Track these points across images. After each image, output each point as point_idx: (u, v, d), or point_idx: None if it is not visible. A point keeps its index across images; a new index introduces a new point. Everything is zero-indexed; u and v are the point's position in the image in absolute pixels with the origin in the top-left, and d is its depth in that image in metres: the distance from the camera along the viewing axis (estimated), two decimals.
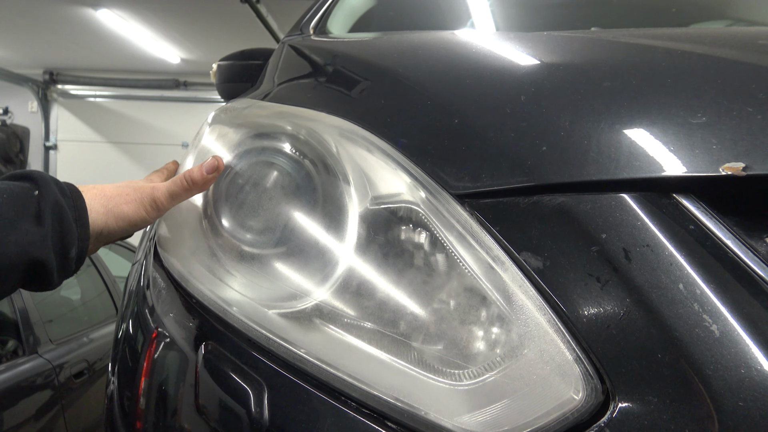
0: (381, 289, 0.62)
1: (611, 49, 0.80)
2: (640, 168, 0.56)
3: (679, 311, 0.50)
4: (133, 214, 0.72)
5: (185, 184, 0.74)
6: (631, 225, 0.54)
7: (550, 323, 0.54)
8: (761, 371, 0.47)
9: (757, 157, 0.54)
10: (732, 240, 0.53)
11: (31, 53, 7.93)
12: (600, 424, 0.50)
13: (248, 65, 1.69)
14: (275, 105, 0.91)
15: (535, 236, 0.57)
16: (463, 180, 0.63)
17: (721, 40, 0.81)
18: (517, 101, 0.67)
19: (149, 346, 0.80)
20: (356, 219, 0.65)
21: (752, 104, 0.58)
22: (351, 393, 0.58)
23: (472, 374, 0.56)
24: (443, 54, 0.89)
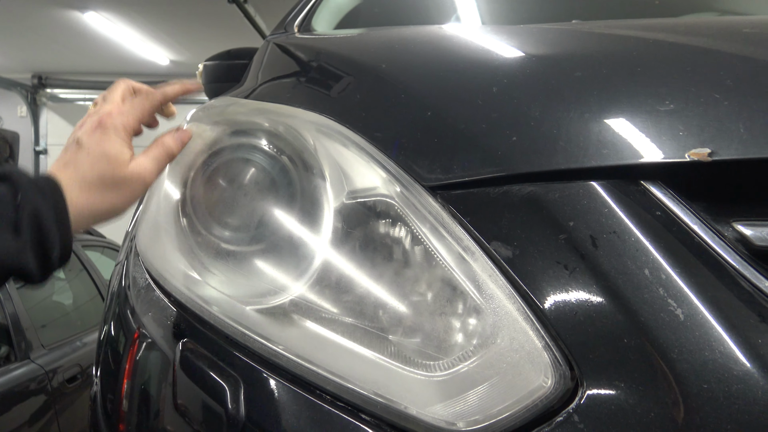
0: (357, 283, 0.62)
1: (585, 40, 0.81)
2: (608, 156, 0.57)
3: (645, 296, 0.51)
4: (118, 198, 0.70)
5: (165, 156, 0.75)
6: (599, 212, 0.55)
7: (519, 311, 0.55)
8: (725, 354, 0.47)
9: (723, 143, 0.54)
10: (699, 225, 0.54)
11: (19, 57, 7.91)
12: (569, 410, 0.50)
13: (234, 65, 1.68)
14: (255, 102, 0.91)
15: (504, 226, 0.58)
16: (435, 172, 0.63)
17: (694, 29, 0.82)
18: (489, 93, 0.67)
19: (131, 347, 0.80)
20: (332, 214, 0.66)
21: (719, 91, 0.59)
22: (326, 386, 0.58)
23: (446, 365, 0.56)
24: (419, 48, 0.89)
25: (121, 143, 0.70)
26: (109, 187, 0.68)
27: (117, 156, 0.69)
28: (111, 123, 0.70)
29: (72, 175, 0.66)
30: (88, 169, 0.67)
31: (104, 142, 0.69)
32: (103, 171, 0.68)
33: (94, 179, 0.67)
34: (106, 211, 0.69)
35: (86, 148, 0.68)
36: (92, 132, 0.69)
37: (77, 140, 0.69)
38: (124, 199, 0.70)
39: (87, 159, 0.68)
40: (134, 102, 0.75)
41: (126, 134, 0.71)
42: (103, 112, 0.72)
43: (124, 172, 0.69)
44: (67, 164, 0.68)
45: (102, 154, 0.68)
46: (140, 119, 0.75)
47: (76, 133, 0.71)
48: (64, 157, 0.69)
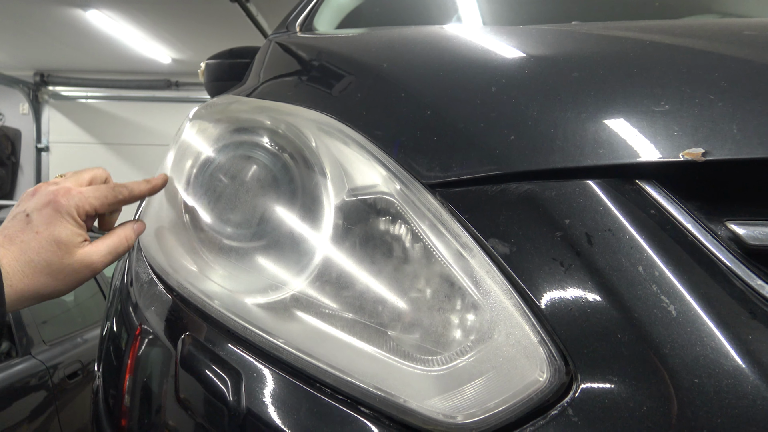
0: (357, 279, 0.63)
1: (583, 42, 0.82)
2: (604, 155, 0.58)
3: (639, 293, 0.52)
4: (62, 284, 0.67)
5: (123, 246, 0.73)
6: (594, 210, 0.56)
7: (516, 307, 0.56)
8: (716, 349, 0.48)
9: (717, 143, 0.55)
10: (692, 224, 0.55)
11: (21, 55, 7.91)
12: (563, 404, 0.51)
13: (236, 63, 1.70)
14: (256, 101, 0.92)
15: (502, 223, 0.59)
16: (435, 170, 0.64)
17: (691, 31, 0.83)
18: (488, 92, 0.68)
19: (133, 342, 0.81)
20: (333, 211, 0.66)
21: (714, 92, 0.60)
22: (326, 379, 0.59)
23: (443, 360, 0.57)
24: (419, 48, 0.90)
25: (72, 227, 0.67)
26: (56, 273, 0.65)
27: (67, 242, 0.66)
28: (65, 203, 0.67)
29: (17, 256, 0.64)
30: (34, 252, 0.64)
31: (54, 224, 0.65)
32: (51, 257, 0.65)
33: (39, 263, 0.64)
34: (47, 295, 0.66)
35: (35, 227, 0.65)
36: (43, 208, 0.66)
37: (27, 213, 0.66)
38: (69, 284, 0.67)
39: (35, 240, 0.64)
40: (99, 188, 0.71)
41: (78, 216, 0.68)
42: (61, 187, 0.68)
43: (72, 260, 0.66)
44: (12, 240, 0.64)
45: (51, 239, 0.65)
46: (98, 207, 0.70)
47: (26, 204, 0.67)
48: (8, 230, 0.65)
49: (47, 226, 0.65)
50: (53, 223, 0.65)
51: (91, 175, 0.74)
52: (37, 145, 8.73)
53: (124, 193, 0.74)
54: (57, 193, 0.67)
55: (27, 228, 0.65)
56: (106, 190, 0.71)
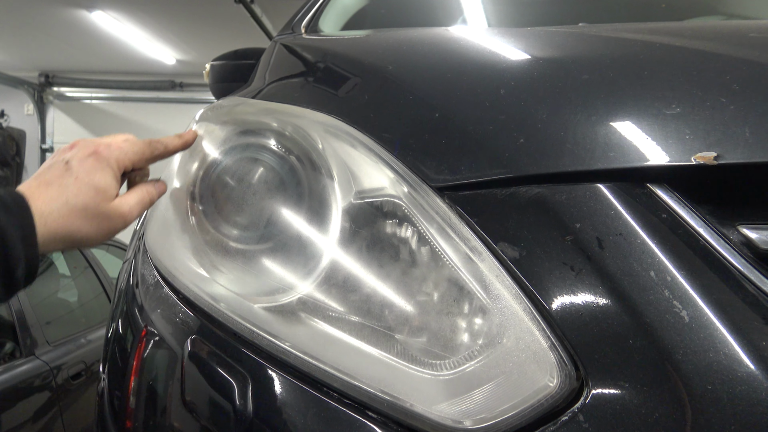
0: (364, 282, 0.63)
1: (592, 43, 0.81)
2: (615, 159, 0.57)
3: (650, 298, 0.51)
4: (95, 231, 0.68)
5: (148, 201, 0.74)
6: (605, 214, 0.56)
7: (525, 312, 0.55)
8: (729, 355, 0.48)
9: (729, 147, 0.55)
10: (704, 228, 0.54)
11: (26, 56, 7.94)
12: (574, 410, 0.51)
13: (241, 65, 1.70)
14: (263, 102, 0.92)
15: (511, 227, 0.58)
16: (443, 173, 0.64)
17: (701, 33, 0.82)
18: (497, 95, 0.68)
19: (138, 344, 0.81)
20: (340, 213, 0.66)
21: (726, 95, 0.59)
22: (333, 384, 0.59)
23: (452, 364, 0.57)
24: (426, 50, 0.90)
25: (111, 177, 0.68)
26: (91, 217, 0.66)
27: (105, 189, 0.67)
28: (106, 154, 0.69)
29: (54, 195, 0.65)
30: (72, 195, 0.65)
31: (96, 172, 0.67)
32: (88, 201, 0.66)
33: (77, 206, 0.65)
34: (80, 240, 0.67)
35: (75, 173, 0.66)
36: (85, 158, 0.68)
37: (66, 162, 0.67)
38: (102, 232, 0.68)
39: (74, 184, 0.66)
40: (136, 143, 0.74)
41: (118, 169, 0.70)
42: (101, 141, 0.71)
43: (108, 207, 0.68)
44: (49, 184, 0.66)
45: (91, 184, 0.66)
46: (135, 162, 0.73)
47: (64, 154, 0.69)
48: (46, 176, 0.67)
49: (87, 174, 0.66)
50: (93, 171, 0.67)
51: (123, 138, 0.75)
52: (42, 146, 8.75)
53: (160, 149, 0.76)
54: (98, 145, 0.69)
55: (66, 174, 0.66)
56: (143, 145, 0.74)
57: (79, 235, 0.66)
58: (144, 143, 0.75)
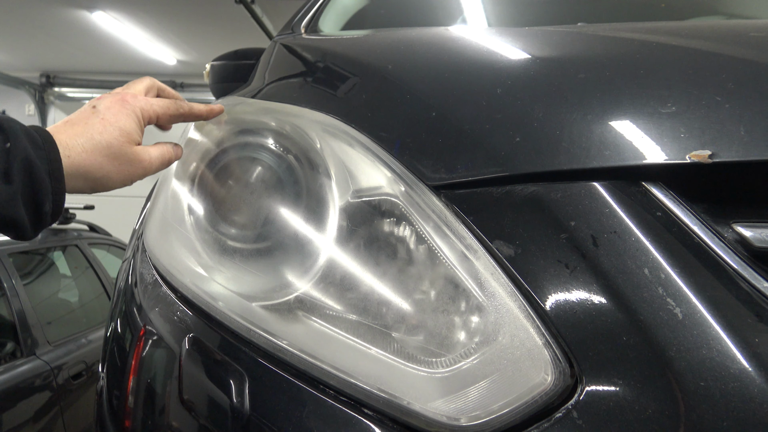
0: (361, 281, 0.63)
1: (589, 43, 0.82)
2: (610, 157, 0.58)
3: (644, 295, 0.52)
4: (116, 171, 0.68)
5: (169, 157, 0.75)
6: (600, 212, 0.56)
7: (520, 309, 0.55)
8: (722, 352, 0.48)
9: (724, 145, 0.55)
10: (699, 226, 0.55)
11: (27, 56, 7.95)
12: (568, 407, 0.51)
13: (241, 65, 1.70)
14: (261, 102, 0.92)
15: (507, 225, 0.59)
16: (440, 171, 0.64)
17: (698, 33, 0.83)
18: (493, 94, 0.68)
19: (137, 343, 0.81)
20: (337, 212, 0.66)
21: (721, 94, 0.60)
22: (329, 381, 0.59)
23: (448, 362, 0.57)
24: (424, 49, 0.90)
25: (136, 124, 0.70)
26: (112, 156, 0.67)
27: (129, 132, 0.68)
28: (132, 102, 0.70)
29: (79, 132, 0.66)
30: (97, 132, 0.66)
31: (121, 116, 0.68)
32: (112, 140, 0.67)
33: (101, 143, 0.66)
34: (100, 179, 0.67)
35: (101, 115, 0.67)
36: (112, 104, 0.69)
37: (93, 106, 0.69)
38: (121, 175, 0.69)
39: (100, 123, 0.67)
40: (162, 99, 0.75)
41: (143, 118, 0.71)
42: (128, 92, 0.72)
43: (131, 150, 0.69)
44: (74, 123, 0.67)
45: (116, 125, 0.67)
46: (160, 115, 0.74)
47: (92, 102, 0.70)
48: (72, 118, 0.68)
49: (114, 115, 0.68)
50: (119, 115, 0.68)
51: (144, 86, 0.76)
52: None
53: (185, 108, 0.77)
54: (125, 94, 0.71)
55: (92, 115, 0.67)
56: (169, 102, 0.75)
57: (100, 173, 0.66)
58: (171, 100, 0.76)
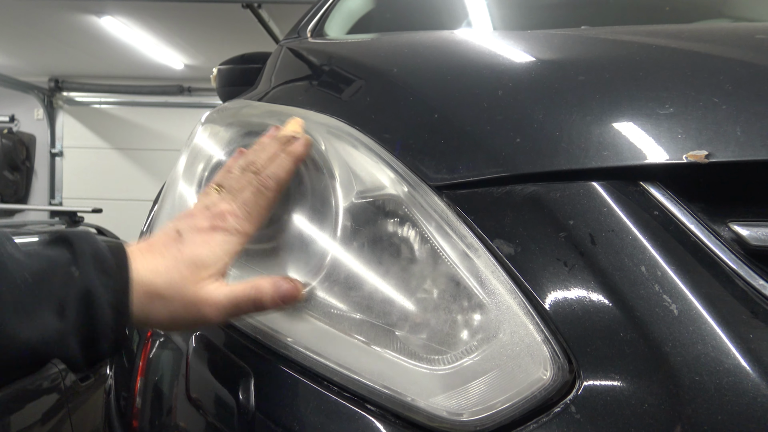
0: (365, 280, 0.64)
1: (589, 46, 0.83)
2: (609, 157, 0.59)
3: (641, 292, 0.52)
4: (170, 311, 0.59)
5: (250, 305, 0.61)
6: (598, 212, 0.57)
7: (520, 306, 0.56)
8: (717, 347, 0.49)
9: (720, 145, 0.56)
10: (695, 225, 0.56)
11: (36, 61, 8.01)
12: (566, 401, 0.52)
13: (248, 69, 1.72)
14: (267, 105, 0.93)
15: (507, 224, 0.60)
16: (441, 172, 0.65)
17: (697, 35, 0.84)
18: (494, 96, 0.69)
19: (145, 343, 0.83)
20: (342, 212, 0.67)
21: (718, 95, 0.61)
22: (333, 378, 0.60)
23: (450, 359, 0.58)
24: (427, 53, 0.91)
25: (224, 252, 0.61)
26: (169, 298, 0.58)
27: (205, 266, 0.60)
28: (222, 227, 0.62)
29: (150, 262, 0.59)
30: (163, 267, 0.59)
31: (202, 247, 0.61)
32: (176, 275, 0.59)
33: (165, 281, 0.58)
34: (160, 322, 0.59)
35: (181, 244, 0.61)
36: (199, 230, 0.62)
37: (178, 230, 0.62)
38: (175, 322, 0.60)
39: (174, 257, 0.59)
40: (249, 199, 0.65)
41: (239, 242, 0.63)
42: (217, 210, 0.64)
43: (192, 290, 0.59)
44: (153, 249, 0.60)
45: (189, 258, 0.60)
46: (259, 220, 0.66)
47: (180, 223, 0.63)
48: (154, 241, 0.61)
49: (191, 246, 0.60)
50: (200, 245, 0.61)
51: (238, 181, 0.66)
52: (51, 150, 8.80)
53: (273, 189, 0.66)
54: (214, 219, 0.63)
55: (173, 243, 0.61)
56: (254, 205, 0.65)
57: (158, 317, 0.59)
58: (255, 196, 0.65)
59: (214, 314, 0.60)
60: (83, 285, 0.52)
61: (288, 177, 0.67)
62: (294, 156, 0.68)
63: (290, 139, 0.70)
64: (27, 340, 0.48)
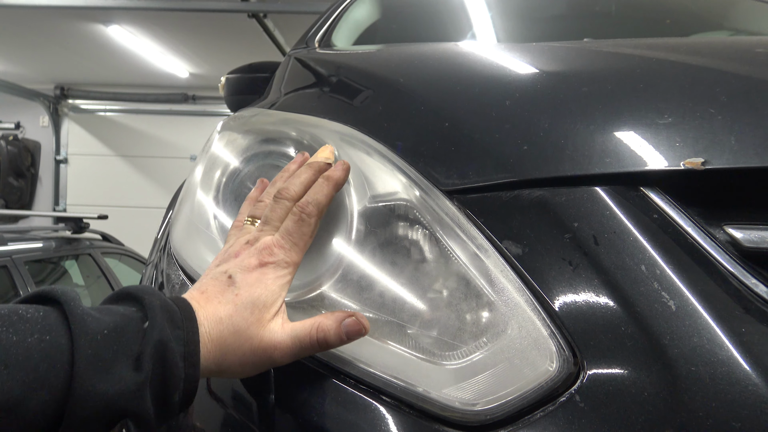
0: (378, 280, 0.66)
1: (592, 58, 0.86)
2: (611, 164, 0.62)
3: (641, 289, 0.56)
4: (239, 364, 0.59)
5: (314, 345, 0.61)
6: (601, 215, 0.60)
7: (527, 303, 0.60)
8: (712, 340, 0.52)
9: (716, 153, 0.60)
10: (692, 227, 0.59)
11: (42, 69, 8.05)
12: (571, 391, 0.55)
13: (255, 78, 1.75)
14: (281, 113, 0.96)
15: (515, 226, 0.63)
16: (452, 177, 0.68)
17: (695, 49, 0.87)
18: (502, 105, 0.73)
19: None
20: (356, 216, 0.70)
21: (714, 106, 0.64)
22: (350, 371, 0.63)
23: (460, 354, 0.61)
24: (436, 63, 0.95)
25: (279, 288, 0.62)
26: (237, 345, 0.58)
27: (266, 306, 0.60)
28: (272, 261, 0.62)
29: (212, 311, 0.58)
30: (227, 314, 0.58)
31: (258, 287, 0.60)
32: (240, 321, 0.58)
33: (228, 327, 0.58)
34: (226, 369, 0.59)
35: (236, 289, 0.60)
36: (250, 271, 0.61)
37: (229, 276, 0.61)
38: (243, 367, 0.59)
39: (232, 302, 0.59)
40: (292, 228, 0.64)
41: (290, 273, 0.63)
42: (262, 245, 0.63)
43: (257, 334, 0.59)
44: (209, 297, 0.59)
45: (248, 300, 0.59)
46: (305, 249, 0.65)
47: (228, 268, 0.62)
48: (207, 288, 0.60)
49: (248, 288, 0.60)
50: (255, 286, 0.60)
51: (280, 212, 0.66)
52: (56, 157, 8.85)
53: (315, 216, 0.65)
54: (262, 256, 0.62)
55: (228, 289, 0.60)
56: (298, 234, 0.64)
57: (225, 363, 0.58)
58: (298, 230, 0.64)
59: (282, 358, 0.60)
60: (158, 336, 0.51)
61: (328, 203, 0.67)
62: (334, 182, 0.68)
63: (324, 165, 0.70)
64: (104, 392, 0.47)
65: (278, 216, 0.65)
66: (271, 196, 0.69)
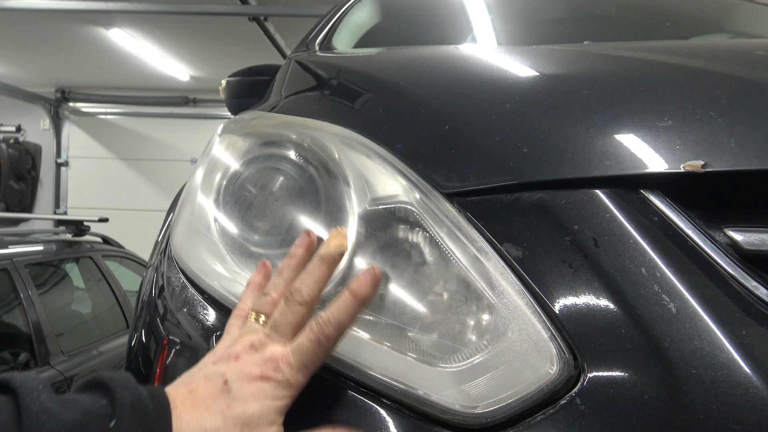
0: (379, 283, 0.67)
1: (592, 61, 0.86)
2: (611, 167, 0.62)
3: (641, 292, 0.56)
4: None
5: None
6: (601, 217, 0.60)
7: (528, 306, 0.60)
8: (712, 343, 0.52)
9: (716, 156, 0.60)
10: (692, 230, 0.59)
11: (43, 72, 8.07)
12: (572, 394, 0.55)
13: (256, 81, 1.75)
14: (281, 116, 0.96)
15: (515, 229, 0.63)
16: (453, 180, 0.68)
17: (695, 51, 0.87)
18: (503, 108, 0.73)
19: (161, 350, 0.85)
20: (356, 219, 0.70)
21: (714, 109, 0.64)
22: (350, 374, 0.62)
23: (461, 357, 0.61)
24: (437, 66, 0.95)
25: (273, 412, 0.55)
26: None
27: (254, 424, 0.54)
28: (275, 378, 0.56)
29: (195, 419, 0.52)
30: (211, 426, 0.52)
31: (253, 402, 0.54)
32: None
33: None
34: None
35: (230, 398, 0.54)
36: (249, 381, 0.55)
37: (226, 380, 0.55)
38: None
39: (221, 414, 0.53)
40: (306, 348, 0.58)
41: (290, 396, 0.57)
42: (269, 355, 0.58)
43: None
44: (196, 402, 0.54)
45: (239, 417, 0.53)
46: (313, 373, 0.59)
47: (227, 370, 0.56)
48: (198, 390, 0.55)
49: (241, 402, 0.54)
50: (250, 400, 0.54)
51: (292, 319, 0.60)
52: (57, 160, 8.86)
53: (333, 337, 0.58)
54: (265, 368, 0.56)
55: (220, 396, 0.54)
56: (311, 356, 0.58)
57: None
58: (312, 347, 0.58)
59: None
60: None
61: (351, 323, 0.59)
62: (361, 300, 0.59)
63: (338, 257, 0.63)
64: None
65: (289, 322, 0.59)
66: (278, 288, 0.63)
